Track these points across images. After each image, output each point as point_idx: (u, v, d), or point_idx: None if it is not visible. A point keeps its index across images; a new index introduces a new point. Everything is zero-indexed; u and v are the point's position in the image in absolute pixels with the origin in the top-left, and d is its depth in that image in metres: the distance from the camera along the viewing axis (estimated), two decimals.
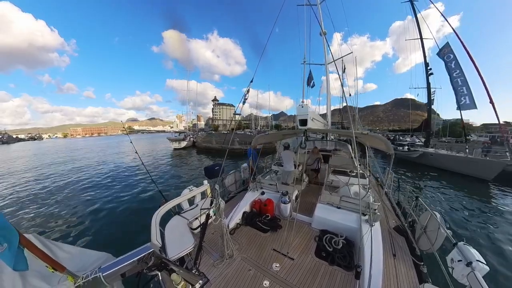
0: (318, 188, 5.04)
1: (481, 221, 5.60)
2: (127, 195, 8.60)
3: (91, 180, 11.69)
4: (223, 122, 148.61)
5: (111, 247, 4.60)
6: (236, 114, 10.72)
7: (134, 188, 9.60)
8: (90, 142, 63.65)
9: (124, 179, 11.65)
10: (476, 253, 2.00)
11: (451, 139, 18.77)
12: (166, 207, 3.15)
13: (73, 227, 5.81)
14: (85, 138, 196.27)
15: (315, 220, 3.39)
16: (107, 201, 7.87)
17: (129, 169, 14.90)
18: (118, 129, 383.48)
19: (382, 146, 3.42)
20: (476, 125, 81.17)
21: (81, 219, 6.27)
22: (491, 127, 38.59)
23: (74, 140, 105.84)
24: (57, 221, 6.26)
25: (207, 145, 25.68)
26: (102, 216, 6.47)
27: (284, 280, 2.33)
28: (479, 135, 29.84)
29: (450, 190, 8.36)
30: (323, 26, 8.12)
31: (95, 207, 7.26)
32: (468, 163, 10.55)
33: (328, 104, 9.37)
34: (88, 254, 1.75)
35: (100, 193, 9.03)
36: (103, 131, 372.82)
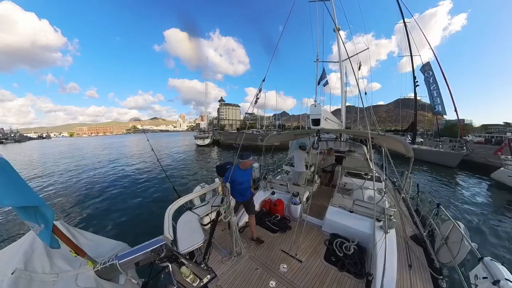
0: (330, 191, 4.90)
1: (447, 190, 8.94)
2: (145, 189, 9.08)
3: (117, 175, 12.53)
4: (229, 122, 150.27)
5: (127, 238, 4.89)
6: (248, 114, 10.88)
7: (150, 183, 10.12)
8: (102, 141, 65.48)
9: (142, 175, 12.31)
10: (505, 271, 1.81)
11: (446, 139, 21.11)
12: (179, 202, 3.26)
13: (92, 216, 6.28)
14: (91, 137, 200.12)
15: (326, 223, 3.30)
16: (125, 195, 8.38)
17: (146, 166, 15.67)
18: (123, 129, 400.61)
19: (401, 147, 3.22)
20: (476, 126, 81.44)
21: (99, 210, 6.74)
22: (490, 128, 38.46)
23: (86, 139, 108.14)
24: (78, 210, 6.82)
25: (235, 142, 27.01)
26: (120, 208, 6.89)
27: (291, 282, 2.31)
28: (477, 135, 32.75)
29: (428, 174, 11.98)
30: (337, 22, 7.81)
31: (113, 200, 7.77)
32: (440, 155, 14.20)
33: (343, 103, 9.02)
34: (107, 243, 1.88)
35: (118, 186, 9.64)
36: (109, 130, 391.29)
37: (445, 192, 8.54)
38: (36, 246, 1.45)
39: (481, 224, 5.55)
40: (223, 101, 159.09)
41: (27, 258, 1.36)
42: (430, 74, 15.86)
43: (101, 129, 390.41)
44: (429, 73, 15.97)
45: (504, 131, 25.74)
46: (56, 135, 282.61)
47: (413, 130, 18.85)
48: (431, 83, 15.72)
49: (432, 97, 15.72)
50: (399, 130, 26.19)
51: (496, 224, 5.57)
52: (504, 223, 5.61)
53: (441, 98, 15.29)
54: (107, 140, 75.74)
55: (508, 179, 8.68)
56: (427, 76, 15.98)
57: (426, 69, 16.18)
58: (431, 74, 15.82)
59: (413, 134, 18.68)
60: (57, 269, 1.40)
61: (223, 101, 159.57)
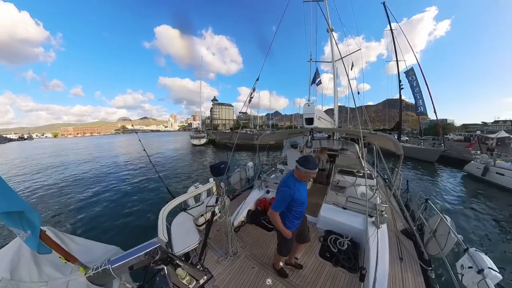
0: (323, 188, 4.98)
1: (428, 180, 10.61)
2: (137, 191, 8.87)
3: (103, 176, 12.14)
4: (222, 122, 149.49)
5: (120, 241, 4.77)
6: (242, 113, 10.82)
7: (142, 184, 9.89)
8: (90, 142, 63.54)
9: (134, 176, 12.01)
10: (488, 260, 1.92)
11: (429, 137, 23.19)
12: (172, 203, 3.21)
13: (83, 220, 6.06)
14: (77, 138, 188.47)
15: (320, 220, 3.36)
16: (117, 197, 8.15)
17: (138, 167, 15.31)
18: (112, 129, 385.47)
19: (391, 146, 3.33)
20: (457, 125, 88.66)
21: (91, 214, 6.53)
22: (470, 127, 42.15)
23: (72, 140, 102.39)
24: (65, 213, 6.56)
25: (230, 141, 27.29)
26: (112, 211, 6.70)
27: (287, 279, 2.34)
28: (457, 134, 35.81)
29: (412, 168, 13.34)
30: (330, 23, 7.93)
31: (105, 203, 7.55)
32: (422, 151, 15.93)
33: (336, 103, 9.19)
34: (98, 247, 1.82)
35: (110, 189, 9.35)
36: (96, 130, 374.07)
37: (426, 183, 9.99)
38: (22, 253, 1.38)
39: (456, 208, 6.72)
40: (216, 100, 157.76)
41: (14, 266, 1.29)
42: (414, 78, 17.81)
43: (88, 129, 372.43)
44: (412, 77, 17.90)
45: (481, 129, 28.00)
46: (39, 136, 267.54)
47: (398, 129, 20.44)
48: (415, 87, 17.73)
49: (415, 100, 17.86)
50: (386, 129, 27.44)
51: (467, 207, 6.81)
52: (474, 206, 6.84)
53: (423, 100, 17.37)
54: (95, 140, 73.14)
55: (477, 170, 10.06)
56: (410, 80, 18.00)
57: (410, 74, 18.13)
58: (414, 79, 17.79)
59: (398, 133, 20.19)
60: (46, 277, 1.34)
61: (216, 101, 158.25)
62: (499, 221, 5.79)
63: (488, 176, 9.44)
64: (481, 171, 9.73)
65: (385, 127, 34.56)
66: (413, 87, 17.82)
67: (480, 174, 9.79)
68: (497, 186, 8.80)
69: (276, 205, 1.91)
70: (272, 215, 1.92)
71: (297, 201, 1.92)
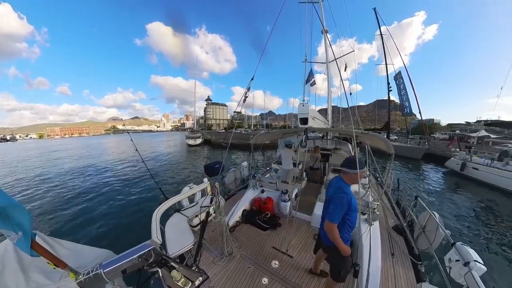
0: (318, 187, 5.05)
1: (414, 176, 11.54)
2: (128, 192, 8.65)
3: (94, 177, 11.75)
4: (216, 122, 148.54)
5: (112, 245, 4.64)
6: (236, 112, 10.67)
7: (135, 185, 9.66)
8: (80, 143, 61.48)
9: (125, 176, 11.70)
10: (474, 253, 2.01)
11: (416, 136, 24.30)
12: (166, 204, 3.15)
13: (73, 224, 5.85)
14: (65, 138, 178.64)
15: (314, 218, 3.40)
16: (108, 199, 7.92)
17: (131, 168, 14.95)
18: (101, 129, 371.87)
19: (382, 145, 3.41)
20: (443, 125, 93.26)
21: (80, 217, 6.31)
22: (455, 126, 44.80)
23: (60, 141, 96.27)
24: (58, 217, 6.31)
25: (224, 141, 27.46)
26: (103, 214, 6.50)
27: (283, 278, 2.35)
28: (443, 133, 37.84)
29: (399, 165, 14.23)
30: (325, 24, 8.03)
31: (95, 205, 7.32)
32: (408, 150, 16.91)
33: (329, 103, 9.33)
34: (89, 251, 1.76)
35: (100, 191, 9.08)
36: (85, 131, 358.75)
37: (413, 179, 10.98)
38: (7, 261, 1.31)
39: (438, 200, 7.59)
40: (210, 100, 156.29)
41: None
42: (401, 81, 19.49)
43: (76, 129, 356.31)
44: (400, 81, 19.57)
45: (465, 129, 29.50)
46: (23, 137, 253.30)
47: (387, 129, 21.91)
48: (402, 89, 19.44)
49: (402, 101, 19.56)
50: (377, 129, 28.42)
51: (448, 198, 7.67)
52: (454, 198, 7.63)
53: (409, 102, 18.97)
54: (85, 141, 70.59)
55: (456, 166, 11.00)
56: (398, 83, 19.66)
57: (397, 78, 19.73)
58: (401, 82, 19.46)
59: (387, 133, 21.48)
60: (34, 284, 1.28)
61: (210, 100, 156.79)
62: (476, 212, 6.44)
63: (466, 171, 10.34)
64: (460, 166, 10.62)
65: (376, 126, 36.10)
66: (400, 89, 19.49)
67: (459, 169, 10.67)
68: (474, 180, 9.69)
69: (333, 215, 1.63)
70: (331, 229, 1.63)
71: (353, 207, 1.74)
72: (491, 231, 5.23)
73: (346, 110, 26.90)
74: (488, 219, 5.92)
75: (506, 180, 8.16)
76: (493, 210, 6.60)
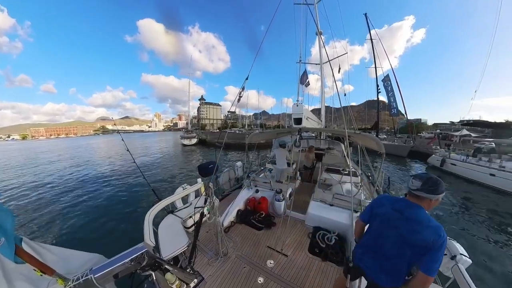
0: (311, 186, 5.11)
1: (400, 171, 12.48)
2: (119, 194, 8.42)
3: (83, 178, 11.34)
4: (210, 122, 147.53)
5: (103, 248, 4.50)
6: (231, 112, 10.56)
7: (126, 187, 9.41)
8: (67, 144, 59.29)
9: (116, 178, 11.38)
10: (460, 247, 2.11)
11: (404, 135, 25.63)
12: (159, 206, 3.10)
13: (61, 228, 5.63)
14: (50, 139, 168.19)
15: (308, 217, 3.45)
16: (99, 201, 7.68)
17: (122, 169, 14.55)
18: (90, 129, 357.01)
19: (374, 145, 3.50)
20: (429, 124, 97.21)
21: (69, 220, 6.07)
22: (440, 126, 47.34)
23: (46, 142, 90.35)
24: (45, 222, 6.04)
25: (218, 140, 28.33)
26: (93, 217, 6.29)
27: (279, 276, 2.37)
28: (429, 132, 39.55)
29: (387, 162, 14.70)
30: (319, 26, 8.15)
31: (86, 207, 7.07)
32: (395, 147, 18.04)
33: (323, 103, 9.47)
34: (79, 256, 1.70)
35: (91, 193, 8.78)
36: (72, 131, 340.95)
37: (399, 172, 12.20)
38: None
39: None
40: (203, 99, 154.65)
41: None
42: (389, 84, 20.83)
43: (63, 130, 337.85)
44: (388, 83, 20.92)
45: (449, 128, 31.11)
46: (4, 138, 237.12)
47: (376, 129, 23.22)
48: (389, 91, 20.85)
49: (390, 102, 20.96)
50: (367, 128, 29.50)
51: None
52: None
53: (396, 103, 20.46)
54: (74, 142, 67.82)
55: (437, 162, 12.15)
56: (386, 85, 21.04)
57: (385, 80, 21.08)
58: (389, 84, 20.80)
59: (376, 132, 22.74)
60: None
61: (204, 100, 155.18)
62: (454, 204, 7.00)
63: (445, 167, 11.42)
64: (440, 162, 11.73)
65: (366, 126, 37.85)
66: (388, 91, 20.91)
67: (439, 165, 11.77)
68: (452, 174, 10.67)
69: (437, 267, 1.25)
70: (429, 284, 1.27)
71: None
72: (466, 220, 5.82)
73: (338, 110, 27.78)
74: (464, 209, 6.59)
75: (479, 174, 9.12)
76: (469, 200, 7.35)
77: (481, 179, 9.01)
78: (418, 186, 1.32)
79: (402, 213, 1.39)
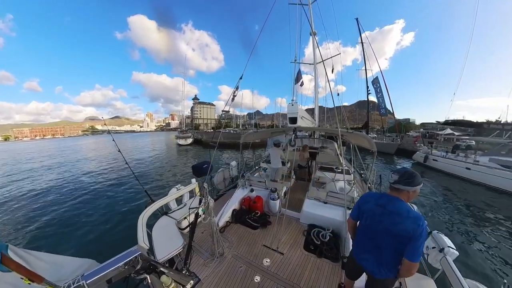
0: (305, 185, 5.18)
1: (387, 167, 13.58)
2: (111, 196, 8.19)
3: (71, 181, 10.95)
4: (204, 121, 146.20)
5: (95, 253, 4.38)
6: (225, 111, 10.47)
7: (118, 189, 9.17)
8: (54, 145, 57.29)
9: (107, 180, 11.07)
10: (447, 240, 2.21)
11: (393, 134, 26.65)
12: (152, 207, 3.05)
13: (50, 234, 5.42)
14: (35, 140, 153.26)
15: (303, 215, 3.49)
16: (90, 204, 7.44)
17: (113, 170, 14.17)
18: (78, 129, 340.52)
19: (366, 143, 3.59)
20: (417, 124, 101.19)
21: (59, 225, 5.85)
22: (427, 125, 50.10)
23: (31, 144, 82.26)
24: (30, 225, 5.79)
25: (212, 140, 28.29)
26: (84, 220, 6.10)
27: (275, 275, 2.39)
28: (416, 132, 41.54)
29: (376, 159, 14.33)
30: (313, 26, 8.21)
31: (76, 210, 6.83)
32: (383, 145, 18.96)
33: (316, 103, 9.58)
34: (69, 262, 1.64)
35: (81, 196, 8.50)
36: (59, 132, 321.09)
37: (387, 168, 13.05)
38: None
39: None
40: (197, 99, 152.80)
41: None
42: (378, 86, 22.29)
43: (49, 130, 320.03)
44: (377, 85, 22.38)
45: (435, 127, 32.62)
46: None
47: (366, 128, 24.35)
48: (378, 93, 22.26)
49: (379, 103, 22.46)
50: (358, 127, 30.71)
51: None
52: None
53: (385, 104, 21.89)
54: (62, 143, 65.12)
55: (420, 158, 13.18)
56: (375, 87, 22.53)
57: (375, 82, 22.59)
58: (378, 86, 22.24)
59: (366, 131, 23.76)
60: None
61: (197, 99, 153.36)
62: (437, 196, 7.72)
63: (428, 162, 12.46)
64: (423, 158, 12.80)
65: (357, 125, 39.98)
66: (377, 93, 22.33)
67: (423, 161, 12.84)
68: (434, 169, 11.74)
69: (420, 253, 1.36)
70: (414, 270, 1.39)
71: None
72: (445, 209, 6.53)
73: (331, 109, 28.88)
74: (444, 199, 7.38)
75: (457, 168, 10.16)
76: (449, 192, 8.22)
77: (458, 172, 9.97)
78: (396, 179, 1.42)
79: (385, 208, 1.48)
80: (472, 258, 3.93)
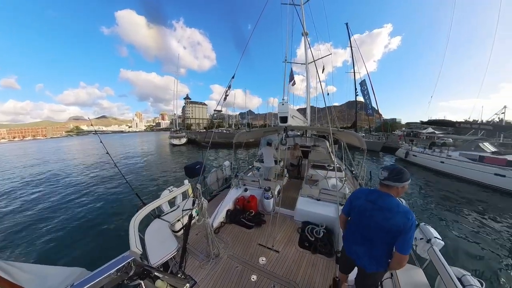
0: (298, 183, 5.25)
1: (374, 163, 14.90)
2: (100, 201, 7.88)
3: (61, 185, 10.41)
4: (196, 121, 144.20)
5: (85, 261, 4.20)
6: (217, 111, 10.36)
7: (107, 192, 8.83)
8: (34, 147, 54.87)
9: (95, 183, 10.63)
10: (434, 231, 2.33)
11: (380, 133, 28.46)
12: (144, 211, 2.98)
13: (36, 243, 5.12)
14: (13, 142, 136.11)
15: (297, 212, 3.55)
16: (77, 209, 7.12)
17: (101, 172, 13.62)
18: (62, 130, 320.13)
19: (356, 141, 3.69)
20: (403, 123, 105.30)
21: (45, 234, 5.55)
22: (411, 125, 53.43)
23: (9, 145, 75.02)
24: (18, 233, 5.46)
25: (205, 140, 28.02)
26: (71, 227, 5.82)
27: (271, 273, 2.41)
28: (401, 131, 44.33)
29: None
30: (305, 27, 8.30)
31: (62, 217, 6.51)
32: (370, 143, 20.19)
33: (308, 102, 9.71)
34: (57, 271, 1.56)
35: (67, 202, 8.10)
36: (41, 133, 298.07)
37: (373, 165, 14.05)
38: None
39: None
40: (189, 98, 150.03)
41: None
42: (365, 88, 23.94)
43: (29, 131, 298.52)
44: (364, 87, 24.04)
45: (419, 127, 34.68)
46: None
47: (354, 127, 25.70)
48: (365, 94, 23.91)
49: (366, 104, 24.22)
50: (347, 127, 32.31)
51: None
52: None
53: (371, 105, 23.76)
54: (45, 145, 61.57)
55: (402, 154, 14.70)
56: (363, 89, 24.17)
57: (362, 85, 24.28)
58: (365, 88, 23.88)
59: (354, 130, 25.20)
60: None
61: (189, 99, 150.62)
62: (420, 186, 8.73)
63: (409, 158, 13.88)
64: (404, 154, 14.26)
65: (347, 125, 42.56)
66: (364, 95, 24.03)
67: (404, 156, 14.34)
68: (414, 164, 13.04)
69: (410, 246, 1.42)
70: (404, 262, 1.44)
71: None
72: (423, 199, 7.32)
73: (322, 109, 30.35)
74: (424, 191, 8.28)
75: (433, 162, 11.43)
76: (426, 183, 9.22)
77: (434, 166, 11.26)
78: (386, 176, 1.48)
79: (375, 203, 1.53)
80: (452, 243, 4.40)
